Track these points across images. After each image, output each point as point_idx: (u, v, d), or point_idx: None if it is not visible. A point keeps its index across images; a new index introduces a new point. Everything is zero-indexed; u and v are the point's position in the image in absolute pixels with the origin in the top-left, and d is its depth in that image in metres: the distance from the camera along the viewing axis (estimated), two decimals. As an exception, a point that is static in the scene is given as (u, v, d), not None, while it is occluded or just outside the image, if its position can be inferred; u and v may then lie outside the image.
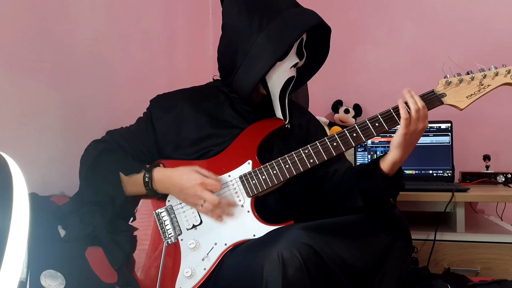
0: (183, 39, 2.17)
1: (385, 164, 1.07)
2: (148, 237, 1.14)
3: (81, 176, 1.15)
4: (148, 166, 1.15)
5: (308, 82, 1.89)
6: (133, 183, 1.13)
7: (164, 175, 1.11)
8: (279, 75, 1.15)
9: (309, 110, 1.40)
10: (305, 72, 1.27)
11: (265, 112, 1.23)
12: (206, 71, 1.29)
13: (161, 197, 1.15)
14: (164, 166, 1.15)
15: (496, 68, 1.08)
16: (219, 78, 1.27)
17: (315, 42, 1.23)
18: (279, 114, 1.19)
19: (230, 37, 1.17)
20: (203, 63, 2.35)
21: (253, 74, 1.12)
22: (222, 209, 1.09)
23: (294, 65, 1.16)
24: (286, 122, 1.20)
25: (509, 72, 1.07)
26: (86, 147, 1.19)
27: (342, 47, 2.37)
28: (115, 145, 1.19)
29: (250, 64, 1.12)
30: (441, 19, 2.22)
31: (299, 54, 1.17)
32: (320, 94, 2.36)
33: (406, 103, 1.05)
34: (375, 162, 1.10)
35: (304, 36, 1.17)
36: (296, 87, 1.26)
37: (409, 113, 1.02)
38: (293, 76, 1.18)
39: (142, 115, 1.25)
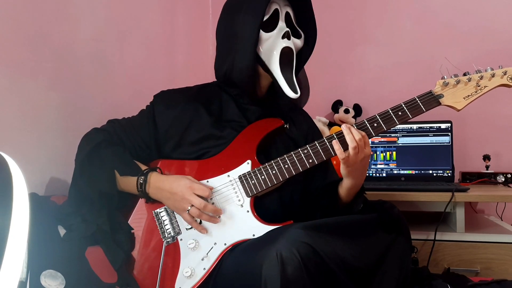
0: (183, 39, 2.17)
1: (343, 190, 1.16)
2: (147, 237, 1.14)
3: (76, 163, 1.14)
4: (145, 169, 1.14)
5: (309, 82, 1.88)
6: (125, 183, 1.13)
7: (158, 180, 1.11)
8: (271, 46, 1.14)
9: (309, 109, 1.40)
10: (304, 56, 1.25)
11: (270, 110, 1.22)
12: (206, 71, 1.29)
13: None
14: (161, 172, 1.15)
15: (492, 69, 1.09)
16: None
17: (308, 29, 1.22)
18: (287, 90, 1.13)
19: (220, 40, 1.21)
20: (203, 63, 2.35)
21: (247, 49, 1.12)
22: (207, 216, 1.08)
23: (287, 36, 1.13)
24: (293, 97, 1.17)
25: (505, 73, 1.08)
26: (86, 133, 1.18)
27: (342, 47, 2.37)
28: (115, 137, 1.18)
29: (241, 43, 1.13)
30: (441, 19, 2.22)
31: (292, 30, 1.17)
32: (320, 94, 2.36)
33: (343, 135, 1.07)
34: (334, 188, 1.18)
35: (290, 11, 1.17)
36: (298, 68, 1.23)
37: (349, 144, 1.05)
38: (289, 48, 1.14)
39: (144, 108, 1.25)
